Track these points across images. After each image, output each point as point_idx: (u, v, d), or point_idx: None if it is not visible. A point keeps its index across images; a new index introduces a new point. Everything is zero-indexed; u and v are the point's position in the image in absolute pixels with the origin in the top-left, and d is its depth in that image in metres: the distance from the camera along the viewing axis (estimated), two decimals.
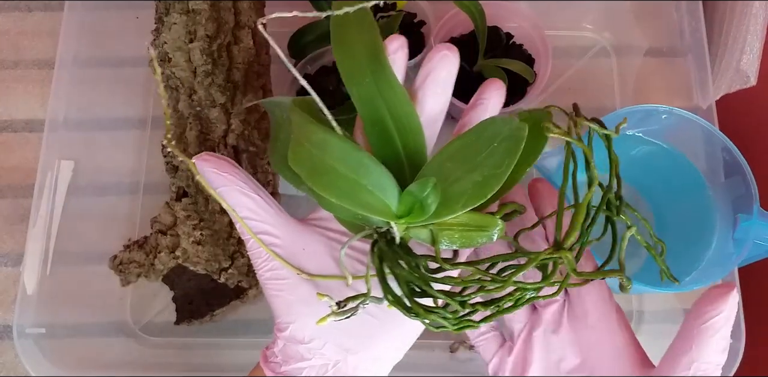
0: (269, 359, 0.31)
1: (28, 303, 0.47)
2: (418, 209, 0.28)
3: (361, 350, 0.30)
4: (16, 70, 0.56)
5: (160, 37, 0.44)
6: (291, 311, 0.30)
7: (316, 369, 0.30)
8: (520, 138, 0.26)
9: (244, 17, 0.45)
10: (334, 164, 0.27)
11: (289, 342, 0.30)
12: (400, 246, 0.29)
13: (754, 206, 0.39)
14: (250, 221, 0.30)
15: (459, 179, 0.27)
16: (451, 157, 0.28)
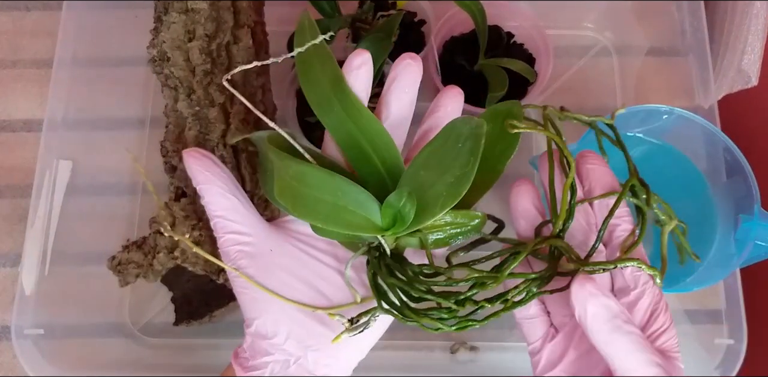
0: (239, 355, 0.33)
1: (26, 304, 0.47)
2: (400, 219, 0.29)
3: (322, 347, 0.31)
4: (14, 70, 0.56)
5: (158, 36, 0.44)
6: (256, 307, 0.32)
7: (280, 365, 0.31)
8: (479, 136, 0.28)
9: (244, 16, 0.45)
10: (313, 192, 0.29)
11: (255, 337, 0.32)
12: (393, 257, 0.30)
13: (756, 207, 0.39)
14: (223, 220, 0.32)
15: (434, 183, 0.29)
16: (423, 164, 0.30)
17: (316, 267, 0.33)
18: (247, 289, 0.32)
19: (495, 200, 0.51)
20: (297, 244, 0.33)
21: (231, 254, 0.32)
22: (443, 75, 0.49)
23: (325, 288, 0.32)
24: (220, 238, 0.32)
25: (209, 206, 0.32)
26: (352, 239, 0.32)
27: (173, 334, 0.48)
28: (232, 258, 0.32)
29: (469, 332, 0.48)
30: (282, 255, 0.32)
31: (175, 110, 0.44)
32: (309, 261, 0.33)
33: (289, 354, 0.31)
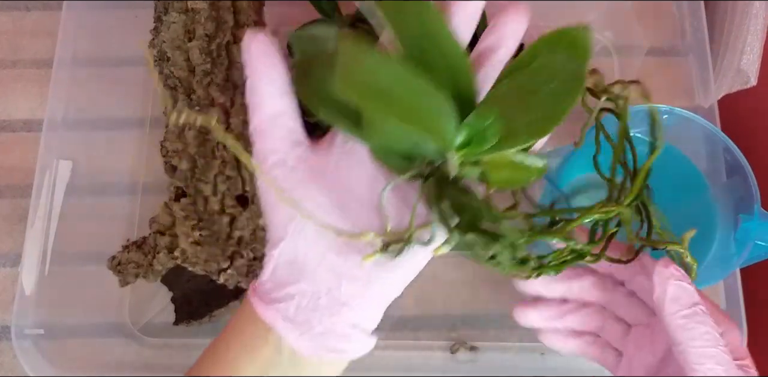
0: (257, 289, 0.28)
1: (26, 304, 0.47)
2: (478, 140, 0.26)
3: (357, 278, 0.27)
4: (14, 70, 0.56)
5: (158, 36, 0.44)
6: (287, 226, 0.27)
7: (308, 296, 0.27)
8: (579, 79, 0.26)
9: (244, 16, 0.45)
10: (391, 88, 0.25)
11: (280, 264, 0.28)
12: (454, 183, 0.27)
13: (756, 207, 0.39)
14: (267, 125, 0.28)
15: (517, 114, 0.26)
16: (505, 95, 0.27)
17: (357, 191, 0.28)
18: (278, 205, 0.27)
19: None
20: (339, 164, 0.28)
21: (267, 162, 0.28)
22: None
23: (363, 214, 0.28)
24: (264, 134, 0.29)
25: (255, 108, 0.28)
26: (408, 152, 0.27)
27: (173, 334, 0.48)
28: (268, 168, 0.28)
29: (469, 332, 0.48)
30: (321, 174, 0.28)
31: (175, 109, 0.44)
32: (349, 184, 0.28)
33: (319, 284, 0.27)
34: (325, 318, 0.27)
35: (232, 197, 0.44)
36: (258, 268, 0.45)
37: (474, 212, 0.26)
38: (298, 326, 0.27)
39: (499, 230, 0.26)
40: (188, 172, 0.43)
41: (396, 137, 0.27)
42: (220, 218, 0.43)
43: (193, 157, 0.43)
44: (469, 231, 0.26)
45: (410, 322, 0.49)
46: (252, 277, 0.44)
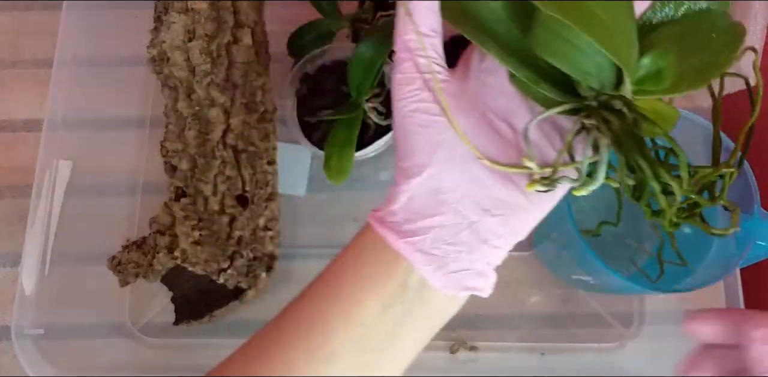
0: (385, 219, 0.26)
1: (26, 304, 0.47)
2: (655, 79, 0.25)
3: (503, 213, 0.26)
4: (14, 70, 0.56)
5: (158, 36, 0.44)
6: (433, 153, 0.25)
7: (448, 230, 0.25)
8: (738, 34, 0.26)
9: (244, 16, 0.45)
10: (593, 5, 0.23)
11: (419, 192, 0.25)
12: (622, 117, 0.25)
13: (756, 207, 0.39)
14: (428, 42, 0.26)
15: (687, 59, 0.25)
16: (676, 37, 0.26)
17: (495, 122, 0.26)
18: (428, 128, 0.25)
19: None
20: (478, 92, 0.26)
21: (415, 82, 0.26)
22: None
23: (508, 147, 0.26)
24: (404, 61, 0.26)
25: (407, 24, 0.25)
26: (565, 84, 0.26)
27: (173, 334, 0.48)
28: (417, 88, 0.26)
29: (469, 332, 0.48)
30: (459, 102, 0.26)
31: (175, 109, 0.44)
32: (487, 113, 0.26)
33: (463, 217, 0.25)
34: (464, 255, 0.25)
35: (232, 197, 0.44)
36: (258, 268, 0.45)
37: (627, 145, 0.24)
38: (435, 260, 0.25)
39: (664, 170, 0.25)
40: (188, 172, 0.43)
41: (573, 60, 0.24)
42: (220, 218, 0.43)
43: (193, 157, 0.43)
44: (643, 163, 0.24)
45: None
46: (252, 277, 0.44)
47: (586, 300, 0.50)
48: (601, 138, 0.25)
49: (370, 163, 0.52)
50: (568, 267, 0.45)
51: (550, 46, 0.24)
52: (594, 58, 0.24)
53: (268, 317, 0.49)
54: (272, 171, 0.46)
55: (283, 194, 0.50)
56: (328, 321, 0.25)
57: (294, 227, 0.50)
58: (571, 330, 0.49)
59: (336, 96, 0.50)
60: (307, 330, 0.26)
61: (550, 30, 0.24)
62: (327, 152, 0.45)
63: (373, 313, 0.25)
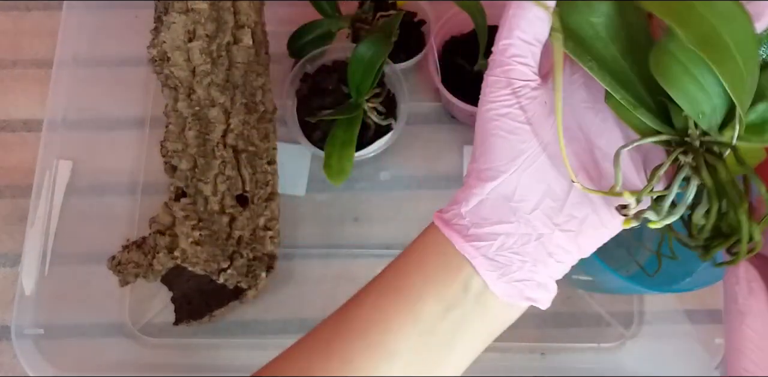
0: (451, 221, 0.26)
1: (26, 304, 0.47)
2: (759, 127, 0.25)
3: (572, 229, 0.25)
4: (14, 70, 0.56)
5: (159, 36, 0.44)
6: (513, 160, 0.25)
7: (515, 239, 0.25)
8: None
9: (244, 17, 0.45)
10: (729, 42, 0.23)
11: (491, 197, 0.25)
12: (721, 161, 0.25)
13: None
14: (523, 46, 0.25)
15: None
16: None
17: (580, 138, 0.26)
18: (513, 135, 0.25)
19: None
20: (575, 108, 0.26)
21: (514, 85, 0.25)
22: (443, 75, 0.49)
23: (587, 164, 0.26)
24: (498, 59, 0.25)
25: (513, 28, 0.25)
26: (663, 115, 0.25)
27: (173, 334, 0.48)
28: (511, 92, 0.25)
29: None
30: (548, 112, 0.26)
31: (175, 109, 0.44)
32: (580, 132, 0.26)
33: (533, 228, 0.25)
34: (528, 265, 0.25)
35: (232, 197, 0.44)
36: (258, 268, 0.45)
37: (732, 197, 0.24)
38: (498, 267, 0.25)
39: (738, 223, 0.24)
40: (188, 172, 0.43)
41: (694, 97, 0.24)
42: (220, 218, 0.43)
43: (193, 157, 0.43)
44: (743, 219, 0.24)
45: None
46: (252, 277, 0.44)
47: (586, 299, 0.50)
48: (693, 178, 0.25)
49: (370, 163, 0.52)
50: None
51: (675, 78, 0.24)
52: (713, 98, 0.24)
53: (268, 317, 0.49)
54: (272, 171, 0.46)
55: (283, 194, 0.50)
56: (391, 319, 0.25)
57: (294, 227, 0.50)
58: (571, 329, 0.49)
59: (336, 96, 0.50)
60: (368, 327, 0.26)
61: (680, 63, 0.24)
62: (327, 151, 0.46)
63: (434, 313, 0.25)
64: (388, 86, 0.50)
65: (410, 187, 0.52)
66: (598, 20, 0.25)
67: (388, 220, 0.51)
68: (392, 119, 0.49)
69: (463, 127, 0.53)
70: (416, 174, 0.52)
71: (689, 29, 0.22)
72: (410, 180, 0.52)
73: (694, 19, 0.22)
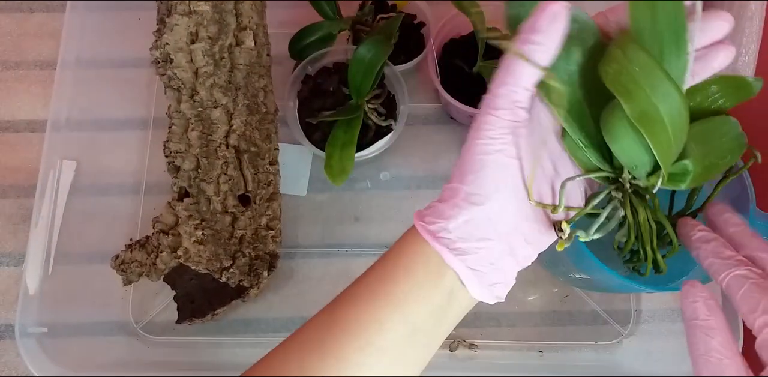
0: (438, 233, 0.29)
1: (30, 303, 0.47)
2: (678, 177, 0.31)
3: (536, 241, 0.30)
4: (18, 71, 0.56)
5: (161, 38, 0.44)
6: (499, 189, 0.29)
7: (494, 253, 0.29)
8: (742, 146, 0.32)
9: (246, 19, 0.45)
10: (664, 117, 0.28)
11: (477, 217, 0.29)
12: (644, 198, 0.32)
13: (751, 207, 0.39)
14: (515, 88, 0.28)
15: (701, 161, 0.31)
16: (692, 137, 0.31)
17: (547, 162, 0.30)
18: (505, 168, 0.29)
19: None
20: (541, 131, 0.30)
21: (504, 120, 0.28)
22: (442, 77, 0.49)
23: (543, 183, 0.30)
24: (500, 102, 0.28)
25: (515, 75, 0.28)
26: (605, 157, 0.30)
27: (176, 332, 0.49)
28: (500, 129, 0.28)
29: (468, 330, 0.49)
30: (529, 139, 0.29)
31: (178, 110, 0.44)
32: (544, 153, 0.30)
33: (509, 245, 0.29)
34: (501, 272, 0.29)
35: (234, 196, 0.44)
36: (260, 267, 0.45)
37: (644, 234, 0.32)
38: (479, 275, 0.29)
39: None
40: (191, 172, 0.44)
41: (630, 152, 0.29)
42: (223, 217, 0.44)
43: (196, 157, 0.44)
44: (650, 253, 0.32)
45: None
46: (254, 276, 0.45)
47: (583, 298, 0.50)
48: (619, 209, 0.31)
49: (370, 163, 0.53)
50: (565, 266, 0.45)
51: (618, 137, 0.29)
52: (645, 155, 0.29)
53: (270, 315, 0.49)
54: (274, 171, 0.46)
55: (285, 193, 0.50)
56: (384, 320, 0.29)
57: (295, 227, 0.51)
58: (569, 328, 0.49)
59: (337, 97, 0.50)
60: (362, 328, 0.29)
61: (624, 125, 0.28)
62: (328, 152, 0.46)
63: (422, 315, 0.29)
64: (388, 88, 0.51)
65: (410, 187, 0.52)
66: (572, 68, 0.29)
67: (388, 220, 0.51)
68: (392, 120, 0.50)
69: (462, 128, 0.53)
70: (416, 174, 0.53)
71: (633, 105, 0.27)
72: (410, 180, 0.52)
73: (639, 96, 0.27)
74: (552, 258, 0.48)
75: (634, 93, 0.27)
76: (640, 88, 0.27)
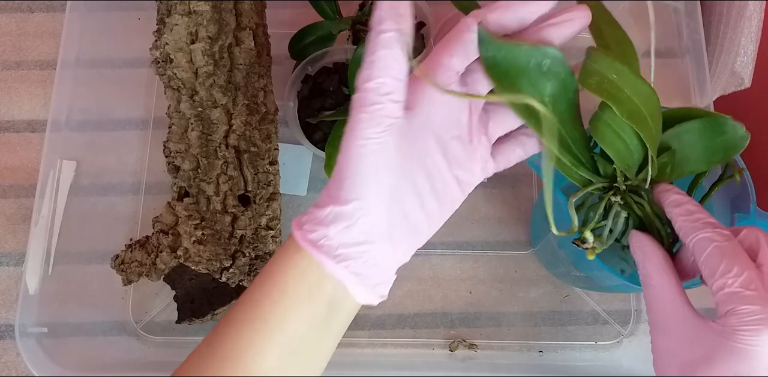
0: (318, 241, 0.28)
1: (30, 303, 0.47)
2: (662, 172, 0.34)
3: (415, 237, 0.30)
4: (18, 71, 0.56)
5: (161, 38, 0.44)
6: (382, 191, 0.28)
7: (378, 254, 0.28)
8: (740, 146, 0.34)
9: (246, 19, 0.45)
10: (647, 114, 0.31)
11: (359, 223, 0.28)
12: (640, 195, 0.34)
13: (751, 206, 0.39)
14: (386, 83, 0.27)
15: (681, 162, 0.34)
16: (676, 136, 0.34)
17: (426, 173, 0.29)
18: (383, 169, 0.28)
19: (498, 200, 0.52)
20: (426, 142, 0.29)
21: (384, 124, 0.27)
22: None
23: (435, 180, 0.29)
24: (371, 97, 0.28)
25: (385, 59, 0.27)
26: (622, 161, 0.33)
27: (176, 332, 0.49)
28: (381, 128, 0.27)
29: (467, 330, 0.49)
30: (412, 149, 0.28)
31: (178, 110, 0.44)
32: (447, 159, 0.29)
33: (392, 245, 0.29)
34: (382, 272, 0.29)
35: (234, 196, 0.44)
36: (260, 267, 0.45)
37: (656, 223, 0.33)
38: (363, 279, 0.28)
39: None
40: (191, 172, 0.44)
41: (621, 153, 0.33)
42: (223, 217, 0.44)
43: (196, 157, 0.44)
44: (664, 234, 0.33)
45: (410, 320, 0.49)
46: (254, 276, 0.45)
47: (583, 298, 0.50)
48: (621, 213, 0.34)
49: None
50: (565, 266, 0.45)
51: (609, 140, 0.32)
52: (634, 154, 0.33)
53: None
54: (274, 171, 0.46)
55: (285, 193, 0.50)
56: (258, 345, 0.28)
57: None
58: (569, 328, 0.49)
59: (337, 97, 0.50)
60: (239, 354, 0.28)
61: (612, 129, 0.32)
62: (328, 152, 0.46)
63: (303, 333, 0.28)
64: None
65: None
66: (548, 100, 0.31)
67: None
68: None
69: None
70: None
71: (620, 106, 0.31)
72: None
73: (623, 98, 0.31)
74: (552, 258, 0.48)
75: (618, 97, 0.31)
76: (622, 91, 0.31)
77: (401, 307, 0.50)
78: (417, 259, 0.51)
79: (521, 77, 0.30)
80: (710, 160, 0.35)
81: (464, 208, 0.32)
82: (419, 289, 0.50)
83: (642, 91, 0.32)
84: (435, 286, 0.50)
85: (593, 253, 0.33)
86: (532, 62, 0.30)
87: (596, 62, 0.31)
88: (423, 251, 0.50)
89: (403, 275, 0.50)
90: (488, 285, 0.50)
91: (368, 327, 0.49)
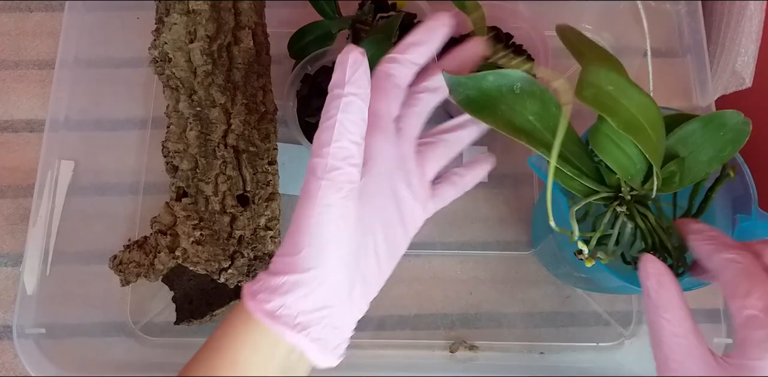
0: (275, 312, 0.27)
1: (28, 303, 0.47)
2: (670, 179, 0.34)
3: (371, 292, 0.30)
4: (16, 71, 0.56)
5: (160, 37, 0.44)
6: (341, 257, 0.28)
7: (337, 316, 0.28)
8: (746, 131, 0.34)
9: (245, 18, 0.45)
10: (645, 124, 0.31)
11: (318, 288, 0.27)
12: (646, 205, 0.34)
13: (753, 207, 0.39)
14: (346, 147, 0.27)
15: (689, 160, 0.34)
16: (679, 140, 0.34)
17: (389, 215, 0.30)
18: (340, 237, 0.28)
19: (499, 200, 0.52)
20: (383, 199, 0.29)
21: (338, 182, 0.27)
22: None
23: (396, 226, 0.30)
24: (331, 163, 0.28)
25: (344, 123, 0.27)
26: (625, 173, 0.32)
27: (174, 333, 0.48)
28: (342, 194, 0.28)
29: (468, 331, 0.49)
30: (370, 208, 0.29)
31: (176, 110, 0.44)
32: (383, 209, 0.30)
33: (350, 306, 0.29)
34: (343, 331, 0.29)
35: (233, 196, 0.44)
36: (259, 267, 0.45)
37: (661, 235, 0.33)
38: (323, 344, 0.28)
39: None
40: (189, 172, 0.44)
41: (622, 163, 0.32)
42: (221, 217, 0.44)
43: (194, 157, 0.44)
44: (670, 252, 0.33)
45: (410, 322, 0.49)
46: (253, 276, 0.45)
47: (584, 299, 0.50)
48: (627, 223, 0.33)
49: None
50: (566, 267, 0.45)
51: (609, 152, 0.32)
52: (636, 164, 0.33)
53: None
54: (273, 171, 0.46)
55: (284, 193, 0.50)
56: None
57: None
58: (570, 329, 0.49)
59: None
60: None
61: (611, 140, 0.32)
62: None
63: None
64: None
65: None
66: (533, 117, 0.31)
67: None
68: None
69: None
70: None
71: (617, 117, 0.30)
72: None
73: (620, 110, 0.30)
74: (553, 259, 0.48)
75: (614, 108, 0.30)
76: (619, 103, 0.31)
77: (401, 308, 0.49)
78: (417, 260, 0.50)
79: (500, 105, 0.31)
80: (720, 156, 0.34)
81: (465, 208, 0.32)
82: (419, 290, 0.50)
83: (639, 102, 0.31)
84: (435, 287, 0.50)
85: (591, 261, 0.33)
86: (504, 89, 0.31)
87: (591, 74, 0.31)
88: (423, 251, 0.50)
89: (403, 276, 0.50)
90: (489, 286, 0.50)
91: (368, 328, 0.49)
